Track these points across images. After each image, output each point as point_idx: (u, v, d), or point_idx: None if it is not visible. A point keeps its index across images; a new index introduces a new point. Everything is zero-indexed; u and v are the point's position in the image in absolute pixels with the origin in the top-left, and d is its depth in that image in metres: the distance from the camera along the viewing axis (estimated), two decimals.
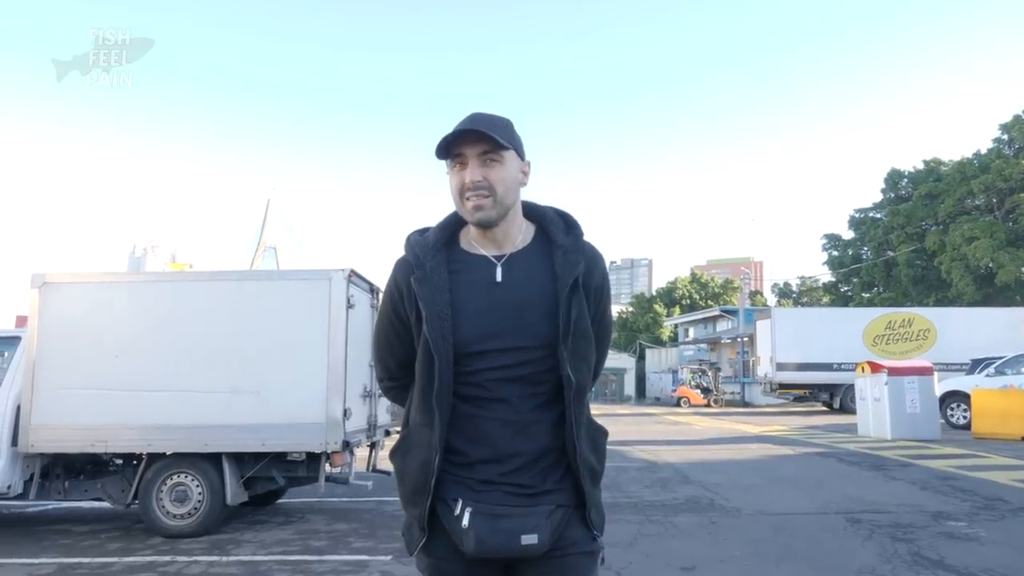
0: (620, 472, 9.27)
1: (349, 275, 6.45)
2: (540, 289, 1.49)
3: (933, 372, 13.69)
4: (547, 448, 1.48)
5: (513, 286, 1.49)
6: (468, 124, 1.46)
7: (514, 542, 1.40)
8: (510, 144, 1.48)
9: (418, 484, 1.48)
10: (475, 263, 1.53)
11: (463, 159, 1.48)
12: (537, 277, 1.50)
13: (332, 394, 6.19)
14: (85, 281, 6.66)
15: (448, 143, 1.46)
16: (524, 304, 1.47)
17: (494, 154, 1.47)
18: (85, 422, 6.20)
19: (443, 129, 1.60)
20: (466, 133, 1.45)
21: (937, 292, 36.24)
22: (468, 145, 1.46)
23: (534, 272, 1.51)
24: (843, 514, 6.43)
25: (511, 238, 1.54)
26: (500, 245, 1.54)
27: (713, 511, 6.73)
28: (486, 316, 1.47)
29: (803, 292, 52.50)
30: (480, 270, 1.51)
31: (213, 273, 7.88)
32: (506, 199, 1.48)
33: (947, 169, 37.82)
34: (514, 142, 1.50)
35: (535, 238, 1.57)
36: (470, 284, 1.50)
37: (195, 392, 6.22)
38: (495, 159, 1.47)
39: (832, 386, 22.75)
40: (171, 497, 6.23)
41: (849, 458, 10.53)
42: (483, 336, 1.46)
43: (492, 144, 1.45)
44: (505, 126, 1.51)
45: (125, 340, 6.34)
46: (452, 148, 1.47)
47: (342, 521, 6.74)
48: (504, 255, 1.53)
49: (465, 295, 1.49)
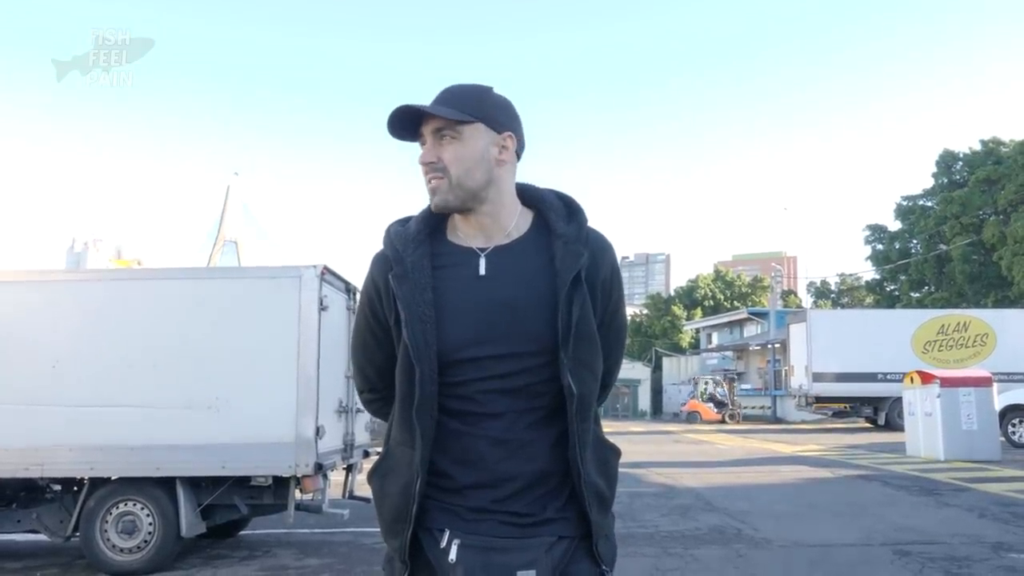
0: (634, 498, 9.28)
1: (322, 273, 6.45)
2: (535, 285, 1.47)
3: (992, 383, 13.71)
4: (547, 471, 1.47)
5: (501, 282, 1.48)
6: (409, 102, 1.47)
7: None
8: (473, 115, 1.47)
9: (398, 511, 1.47)
10: (460, 256, 1.52)
11: (424, 138, 1.50)
12: (531, 271, 1.49)
13: (303, 409, 6.17)
14: (14, 280, 6.64)
15: (392, 124, 1.48)
16: (515, 303, 1.46)
17: (448, 130, 1.47)
18: (17, 443, 6.16)
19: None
20: (402, 112, 1.47)
21: (997, 291, 36.33)
22: (425, 123, 1.48)
23: (528, 265, 1.49)
24: (890, 545, 6.44)
25: (501, 226, 1.53)
26: (488, 234, 1.52)
27: (740, 542, 6.74)
28: (475, 318, 1.46)
29: (843, 292, 52.64)
30: (465, 264, 1.50)
31: (164, 271, 7.88)
32: (466, 181, 1.47)
33: (1008, 150, 37.91)
34: (482, 112, 1.49)
35: (532, 226, 1.55)
36: (455, 280, 1.49)
37: (144, 407, 6.19)
38: (451, 135, 1.47)
39: (876, 399, 22.78)
40: (117, 528, 6.20)
41: (896, 481, 10.55)
42: (471, 341, 1.45)
43: (442, 119, 1.46)
44: (471, 95, 1.50)
45: (63, 348, 6.31)
46: (403, 128, 1.49)
47: (314, 555, 6.73)
48: (490, 246, 1.52)
49: (451, 294, 1.48)
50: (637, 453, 15.40)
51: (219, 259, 30.81)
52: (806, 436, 21.03)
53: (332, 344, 6.55)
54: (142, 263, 19.35)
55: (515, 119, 1.55)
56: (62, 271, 12.53)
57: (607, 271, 1.55)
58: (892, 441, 16.94)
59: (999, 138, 39.71)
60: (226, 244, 32.07)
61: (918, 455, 13.73)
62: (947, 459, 12.85)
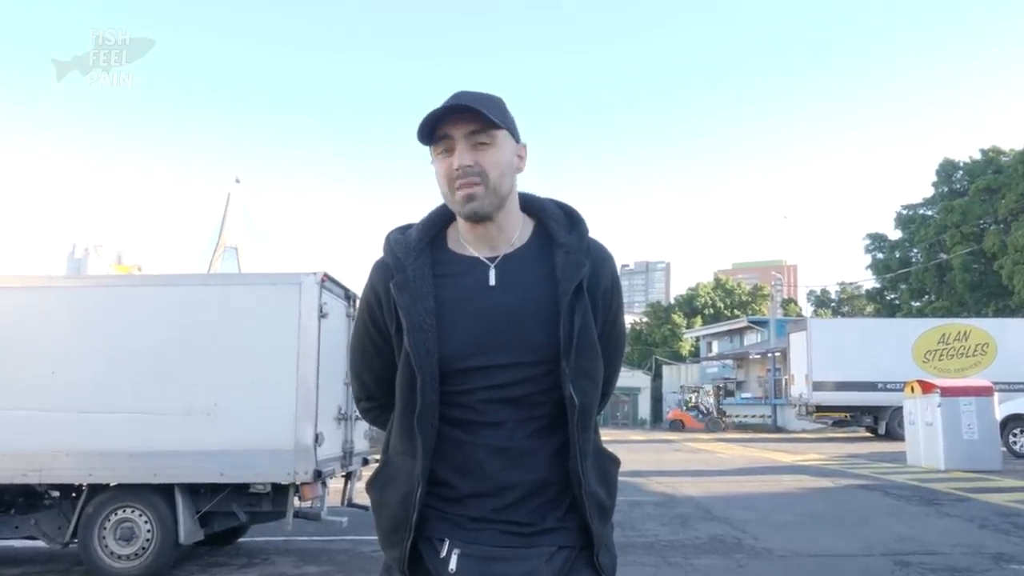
0: (633, 507, 9.26)
1: (322, 280, 6.44)
2: (537, 295, 1.47)
3: (993, 392, 13.70)
4: (547, 480, 1.46)
5: (509, 291, 1.47)
6: (454, 100, 1.44)
7: None
8: (503, 123, 1.46)
9: (398, 521, 1.46)
10: (465, 265, 1.51)
11: (450, 142, 1.45)
12: (533, 281, 1.49)
13: (302, 416, 6.16)
14: (14, 286, 6.64)
15: (433, 122, 1.44)
16: (521, 312, 1.46)
17: (485, 135, 1.44)
18: (16, 448, 6.16)
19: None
20: (454, 109, 1.43)
21: (997, 300, 36.35)
22: (455, 126, 1.44)
23: (530, 275, 1.49)
24: (890, 556, 6.42)
25: (507, 235, 1.53)
26: (494, 244, 1.52)
27: (740, 552, 6.72)
28: (477, 327, 1.46)
29: (843, 300, 52.68)
30: (471, 273, 1.50)
31: (165, 277, 7.86)
32: (501, 187, 1.46)
33: (1008, 159, 37.97)
34: (508, 121, 1.49)
35: (533, 235, 1.55)
36: (459, 289, 1.49)
37: (143, 413, 6.19)
38: (486, 141, 1.45)
39: (877, 409, 22.76)
40: (115, 535, 6.19)
41: (896, 491, 10.53)
42: (473, 350, 1.45)
43: (483, 122, 1.43)
44: (497, 103, 1.49)
45: (62, 354, 6.31)
46: (437, 129, 1.45)
47: (312, 563, 6.71)
48: (498, 256, 1.51)
49: (453, 302, 1.48)
50: (637, 462, 15.37)
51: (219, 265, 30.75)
52: (806, 445, 20.99)
53: (331, 351, 6.54)
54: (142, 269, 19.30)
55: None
56: (62, 277, 12.53)
57: (608, 281, 1.55)
58: (893, 451, 16.92)
59: (999, 147, 39.78)
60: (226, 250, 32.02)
61: (919, 465, 13.71)
62: (948, 469, 12.83)
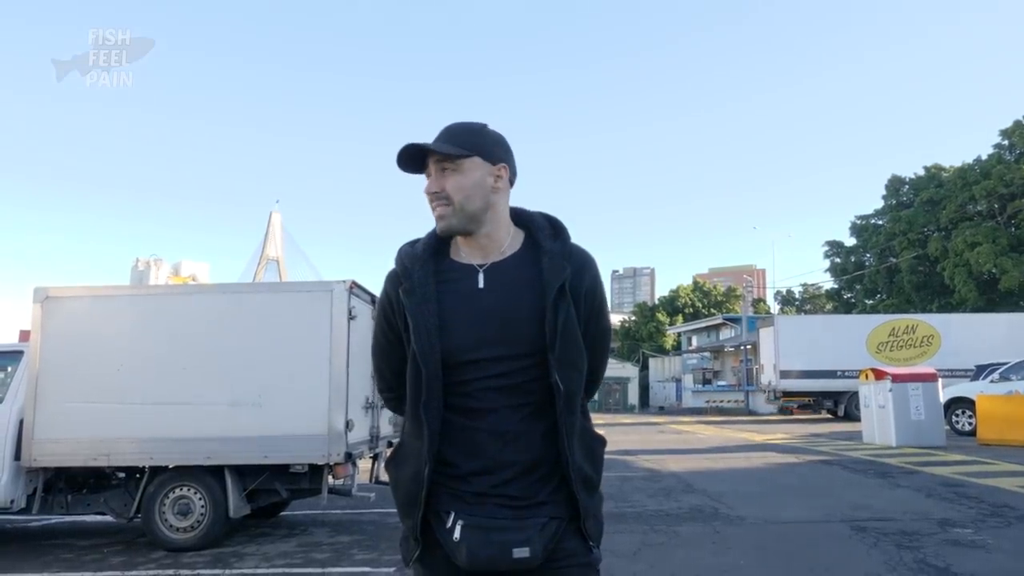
0: (624, 482, 9.22)
1: (350, 287, 6.45)
2: (525, 296, 1.48)
3: (937, 378, 13.63)
4: (539, 459, 1.46)
5: (496, 293, 1.49)
6: (413, 141, 1.49)
7: (506, 555, 1.39)
8: (470, 151, 1.48)
9: (410, 496, 1.47)
10: (461, 272, 1.53)
11: (429, 169, 1.51)
12: (523, 284, 1.49)
13: (334, 406, 6.17)
14: (87, 295, 6.67)
15: (398, 162, 1.50)
16: (509, 311, 1.47)
17: (449, 163, 1.48)
18: (87, 436, 6.19)
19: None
20: (407, 149, 1.48)
21: (940, 298, 36.09)
22: (431, 155, 1.50)
23: (520, 278, 1.50)
24: (848, 522, 6.38)
25: (497, 245, 1.54)
26: (486, 252, 1.53)
27: (717, 520, 6.69)
28: (472, 325, 1.46)
29: (806, 299, 52.42)
30: (465, 279, 1.51)
31: (215, 286, 7.90)
32: (467, 206, 1.48)
33: (948, 175, 37.74)
34: (479, 147, 1.50)
35: (524, 244, 1.56)
36: (456, 293, 1.50)
37: (197, 405, 6.21)
38: (452, 168, 1.48)
39: (836, 393, 22.63)
40: (174, 510, 6.21)
41: (854, 466, 10.46)
42: (470, 345, 1.46)
43: (443, 155, 1.47)
44: (468, 132, 1.51)
45: (127, 353, 6.34)
46: (410, 163, 1.51)
47: (345, 533, 6.71)
48: (488, 263, 1.52)
49: (452, 305, 1.49)
50: (626, 442, 15.33)
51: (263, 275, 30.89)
52: (774, 426, 20.89)
53: (359, 349, 6.54)
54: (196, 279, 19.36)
55: (508, 152, 1.56)
56: (128, 286, 12.59)
57: (589, 282, 1.55)
58: (850, 430, 16.83)
59: (940, 164, 39.52)
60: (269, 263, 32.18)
61: (873, 442, 13.64)
62: (899, 446, 12.76)
